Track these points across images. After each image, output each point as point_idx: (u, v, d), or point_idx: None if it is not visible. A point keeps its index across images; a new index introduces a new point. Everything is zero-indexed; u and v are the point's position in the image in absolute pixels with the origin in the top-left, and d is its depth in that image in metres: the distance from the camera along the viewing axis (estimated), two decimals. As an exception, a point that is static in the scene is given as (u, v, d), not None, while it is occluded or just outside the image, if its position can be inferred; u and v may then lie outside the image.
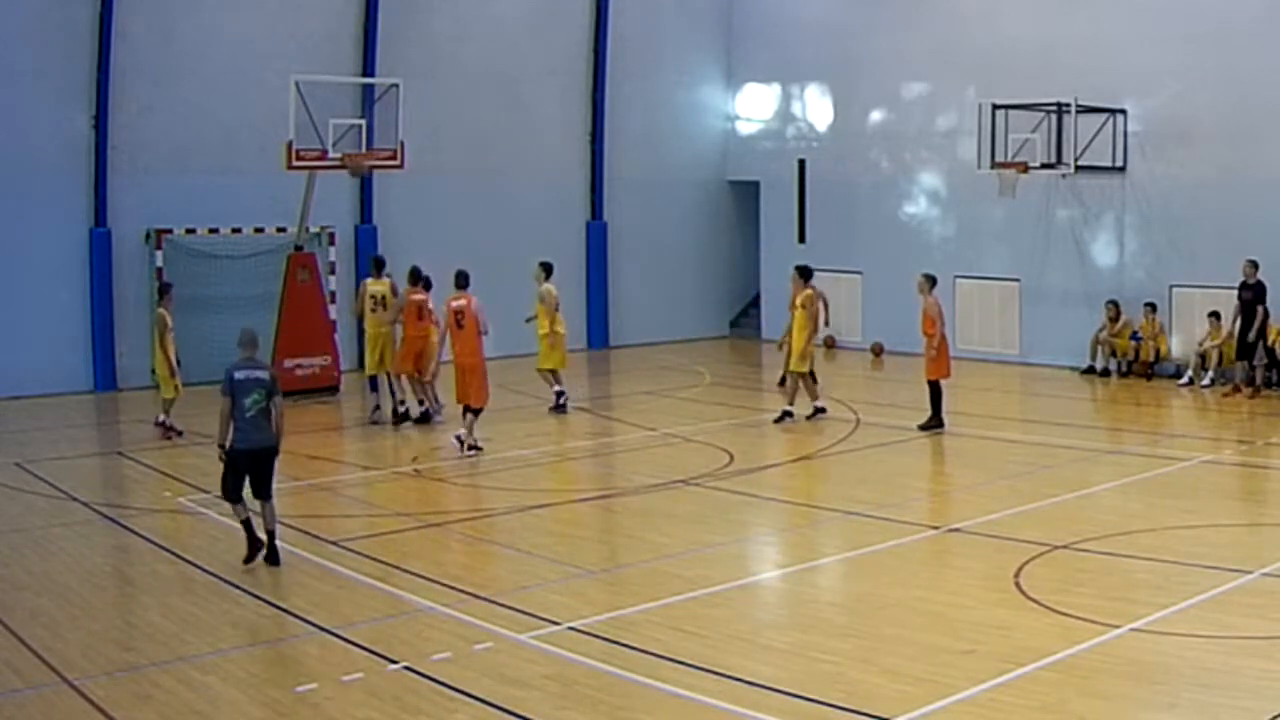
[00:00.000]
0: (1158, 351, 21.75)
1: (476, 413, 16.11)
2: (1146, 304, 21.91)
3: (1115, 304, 22.20)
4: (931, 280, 17.69)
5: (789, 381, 18.49)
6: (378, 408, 18.76)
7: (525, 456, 16.32)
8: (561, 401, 19.06)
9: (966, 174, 22.67)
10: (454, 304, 16.35)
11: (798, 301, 18.33)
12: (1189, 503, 13.54)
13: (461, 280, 16.56)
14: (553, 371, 19.11)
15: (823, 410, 18.22)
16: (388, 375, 18.48)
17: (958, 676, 8.36)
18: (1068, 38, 22.93)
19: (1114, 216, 22.94)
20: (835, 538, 12.38)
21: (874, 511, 13.11)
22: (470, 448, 16.00)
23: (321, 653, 9.05)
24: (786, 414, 18.11)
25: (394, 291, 18.80)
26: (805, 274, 18.71)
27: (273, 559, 11.21)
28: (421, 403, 18.18)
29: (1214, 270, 21.47)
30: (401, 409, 18.10)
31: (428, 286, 18.35)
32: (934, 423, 17.19)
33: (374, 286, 18.83)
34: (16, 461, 15.68)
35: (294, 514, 13.23)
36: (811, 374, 18.39)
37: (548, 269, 19.33)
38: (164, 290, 18.51)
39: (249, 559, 11.20)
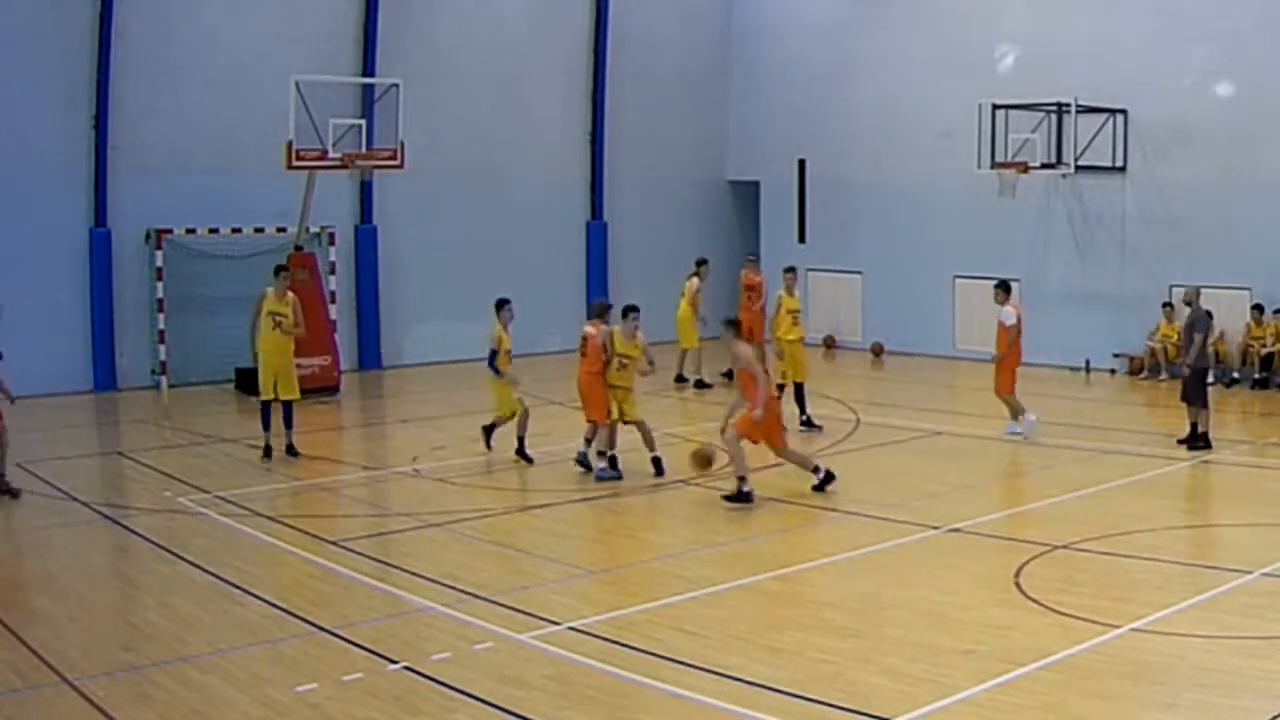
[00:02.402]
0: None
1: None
2: (1165, 304, 21.90)
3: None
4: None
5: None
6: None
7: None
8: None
9: (966, 174, 22.66)
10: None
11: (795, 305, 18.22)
12: (1189, 503, 13.55)
13: None
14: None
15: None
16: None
17: (958, 676, 8.36)
18: (1068, 38, 22.94)
19: (1114, 216, 22.94)
20: (835, 538, 12.37)
21: (874, 511, 13.10)
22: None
23: (321, 653, 9.04)
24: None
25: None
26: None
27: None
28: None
29: (1214, 270, 21.46)
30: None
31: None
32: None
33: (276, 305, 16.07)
34: (17, 461, 15.65)
35: (294, 514, 13.25)
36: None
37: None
38: (602, 311, 16.16)
39: None
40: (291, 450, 16.07)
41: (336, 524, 12.87)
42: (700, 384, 21.64)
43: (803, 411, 17.71)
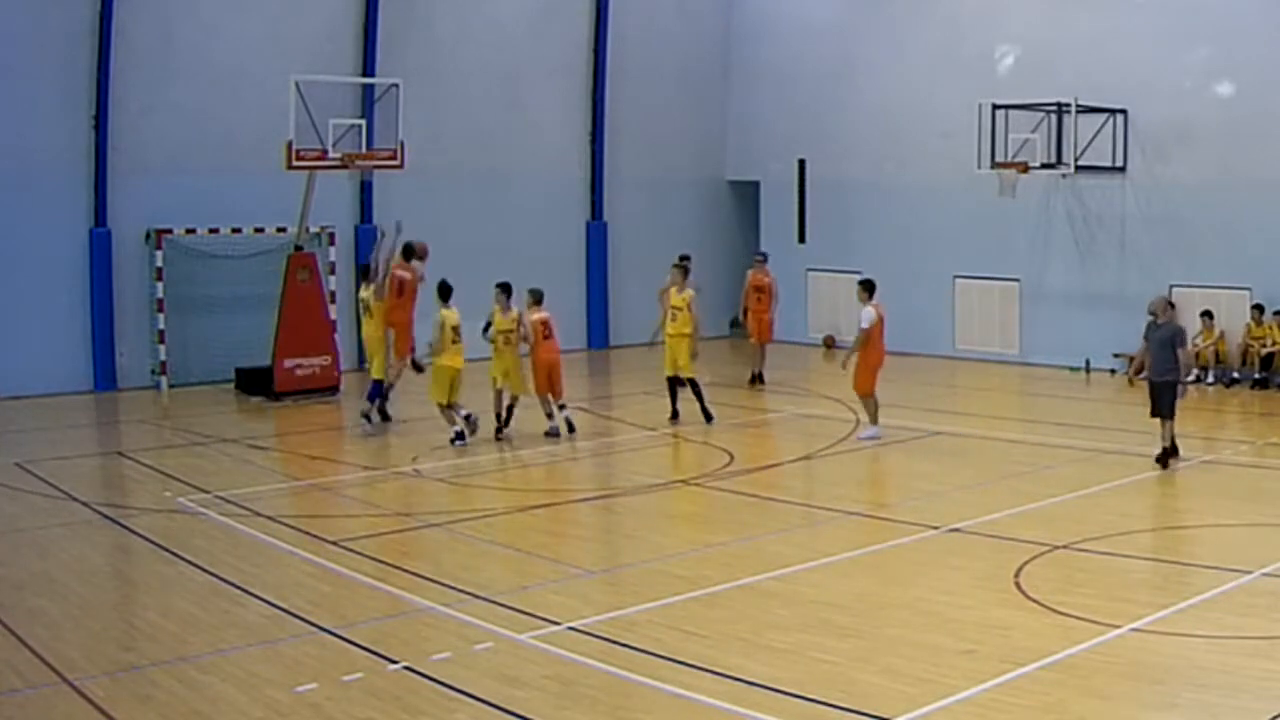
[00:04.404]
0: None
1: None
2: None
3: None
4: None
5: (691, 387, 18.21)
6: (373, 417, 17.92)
7: (525, 456, 16.33)
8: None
9: (966, 174, 22.67)
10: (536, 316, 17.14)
11: (685, 300, 18.23)
12: (1189, 503, 13.53)
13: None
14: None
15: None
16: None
17: (958, 676, 8.36)
18: (1068, 38, 22.95)
19: (1114, 216, 22.94)
20: (835, 538, 12.37)
21: (874, 511, 13.11)
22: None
23: (321, 653, 9.04)
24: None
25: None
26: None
27: None
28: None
29: (1214, 270, 21.50)
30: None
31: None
32: None
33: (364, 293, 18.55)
34: (16, 461, 15.67)
35: (294, 514, 13.25)
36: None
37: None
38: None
39: None
40: (369, 417, 17.78)
41: (336, 524, 12.86)
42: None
43: (674, 404, 18.16)
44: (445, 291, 16.80)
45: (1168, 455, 14.97)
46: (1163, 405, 14.98)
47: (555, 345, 17.27)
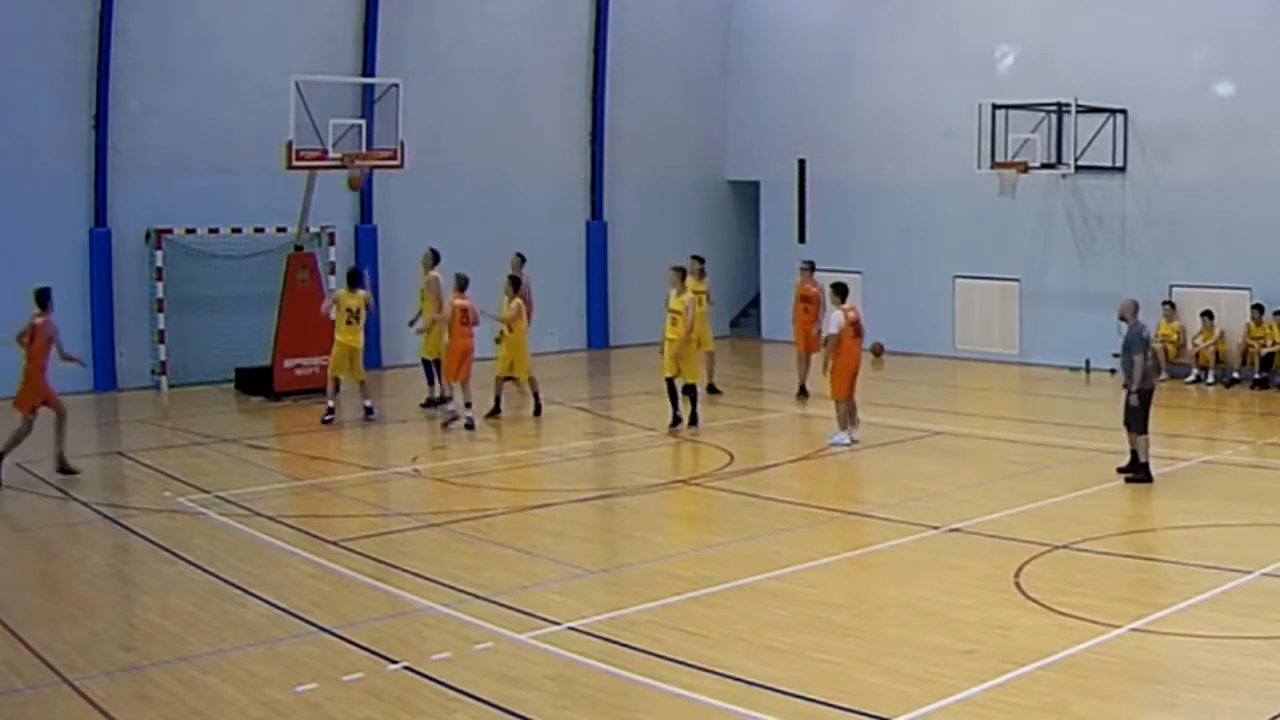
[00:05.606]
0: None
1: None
2: (1165, 303, 21.82)
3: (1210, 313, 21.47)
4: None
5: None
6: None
7: (525, 456, 16.33)
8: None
9: (966, 174, 22.67)
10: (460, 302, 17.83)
11: (683, 303, 17.63)
12: (1189, 503, 13.53)
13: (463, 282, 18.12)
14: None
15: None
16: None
17: (958, 676, 8.36)
18: (1068, 38, 22.95)
19: (1114, 216, 22.94)
20: (835, 538, 12.38)
21: (874, 511, 13.11)
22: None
23: (321, 653, 9.05)
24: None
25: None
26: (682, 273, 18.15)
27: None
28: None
29: (1214, 270, 21.50)
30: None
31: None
32: None
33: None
34: (17, 462, 15.65)
35: (294, 514, 13.25)
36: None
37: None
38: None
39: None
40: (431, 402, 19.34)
41: (336, 524, 12.87)
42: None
43: (674, 409, 17.58)
44: (351, 278, 18.81)
45: (1134, 468, 14.28)
46: (1127, 415, 14.33)
47: (472, 333, 17.89)
